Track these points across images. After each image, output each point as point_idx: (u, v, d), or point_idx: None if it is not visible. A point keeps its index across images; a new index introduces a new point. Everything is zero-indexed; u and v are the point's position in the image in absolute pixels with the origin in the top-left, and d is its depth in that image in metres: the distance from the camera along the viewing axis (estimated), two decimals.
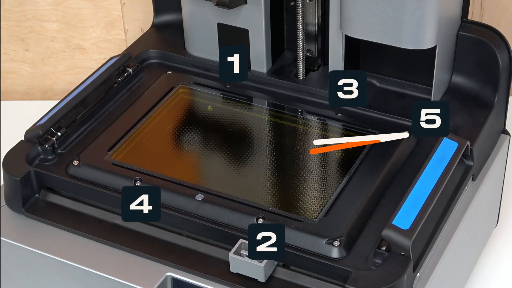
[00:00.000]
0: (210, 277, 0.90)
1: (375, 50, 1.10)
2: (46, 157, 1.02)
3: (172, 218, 0.94)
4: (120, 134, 1.05)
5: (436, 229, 0.94)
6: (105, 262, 0.93)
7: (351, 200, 0.94)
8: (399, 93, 1.12)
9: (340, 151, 1.03)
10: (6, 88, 1.52)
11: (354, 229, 0.91)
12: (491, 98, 1.07)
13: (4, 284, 1.01)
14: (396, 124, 1.06)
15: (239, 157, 1.02)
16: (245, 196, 0.95)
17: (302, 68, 1.13)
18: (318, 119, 1.08)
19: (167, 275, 0.91)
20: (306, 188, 0.97)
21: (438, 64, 1.03)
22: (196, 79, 1.15)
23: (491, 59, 1.05)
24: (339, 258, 0.89)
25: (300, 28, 1.11)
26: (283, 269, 0.90)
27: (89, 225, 0.97)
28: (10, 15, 1.44)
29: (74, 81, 1.50)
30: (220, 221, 0.93)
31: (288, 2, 1.15)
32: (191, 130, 1.08)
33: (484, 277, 1.16)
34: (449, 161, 0.96)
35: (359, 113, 1.08)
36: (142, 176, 0.98)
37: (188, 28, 1.18)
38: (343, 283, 0.87)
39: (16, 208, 1.00)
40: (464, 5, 1.06)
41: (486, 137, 1.05)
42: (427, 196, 0.91)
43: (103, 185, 0.98)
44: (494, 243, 1.20)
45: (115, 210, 0.97)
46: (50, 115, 1.05)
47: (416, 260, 0.90)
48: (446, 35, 1.03)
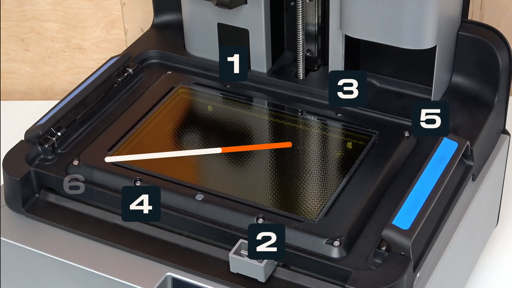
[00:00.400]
0: (210, 277, 0.90)
1: (375, 50, 1.10)
2: (46, 157, 1.02)
3: (172, 218, 0.94)
4: (120, 134, 1.05)
5: (436, 229, 0.94)
6: (105, 262, 0.93)
7: (351, 200, 0.94)
8: (399, 93, 1.12)
9: (340, 151, 1.03)
10: (6, 88, 1.52)
11: (354, 229, 0.91)
12: (491, 98, 1.07)
13: (4, 284, 1.01)
14: (396, 124, 1.06)
15: (239, 157, 1.02)
16: (245, 196, 0.95)
17: (302, 68, 1.13)
18: (318, 119, 1.08)
19: (167, 275, 0.91)
20: (306, 188, 0.97)
21: (438, 64, 1.03)
22: (196, 79, 1.15)
23: (491, 59, 1.05)
24: (339, 258, 0.89)
25: (300, 28, 1.11)
26: (283, 269, 0.90)
27: (89, 225, 0.97)
28: (10, 15, 1.44)
29: (74, 81, 1.50)
30: (220, 221, 0.93)
31: (288, 2, 1.15)
32: (191, 130, 1.08)
33: (484, 277, 1.16)
34: (449, 161, 0.96)
35: (359, 113, 1.08)
36: (142, 176, 0.98)
37: (188, 28, 1.18)
38: (343, 283, 0.87)
39: (16, 208, 1.00)
40: (464, 5, 1.06)
41: (486, 137, 1.05)
42: (427, 196, 0.91)
43: (103, 185, 0.98)
44: (494, 243, 1.20)
45: (115, 210, 0.97)
46: (50, 115, 1.05)
47: (416, 260, 0.90)
48: (446, 35, 1.03)
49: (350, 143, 1.04)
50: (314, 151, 1.03)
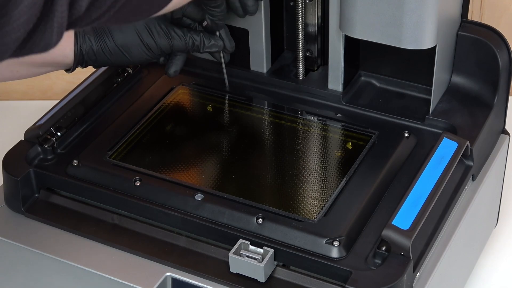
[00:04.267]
0: (210, 277, 0.90)
1: (375, 50, 1.10)
2: (45, 157, 1.02)
3: (172, 218, 0.94)
4: (120, 134, 1.05)
5: (436, 229, 0.94)
6: (105, 262, 0.93)
7: (351, 200, 0.94)
8: (399, 93, 1.12)
9: (340, 151, 1.03)
10: (6, 88, 1.51)
11: (354, 229, 0.91)
12: (491, 98, 1.06)
13: (4, 284, 1.01)
14: (395, 124, 1.06)
15: (239, 157, 1.02)
16: (245, 196, 0.95)
17: (302, 68, 1.13)
18: (318, 119, 1.08)
19: (167, 275, 0.91)
20: (306, 188, 0.97)
21: (438, 64, 1.03)
22: (196, 79, 1.15)
23: (491, 59, 1.05)
24: (339, 258, 0.89)
25: (300, 28, 1.11)
26: (283, 269, 0.90)
27: (89, 225, 0.97)
28: None
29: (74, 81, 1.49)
30: (220, 221, 0.93)
31: (288, 2, 1.15)
32: (191, 130, 1.08)
33: (484, 277, 1.16)
34: (449, 161, 0.96)
35: (359, 113, 1.08)
36: (141, 176, 0.98)
37: None
38: (343, 283, 0.87)
39: (15, 208, 1.00)
40: (464, 5, 1.06)
41: (486, 137, 1.05)
42: (427, 196, 0.91)
43: (103, 185, 0.98)
44: (494, 243, 1.20)
45: (115, 210, 0.97)
46: (49, 115, 1.05)
47: (416, 260, 0.90)
48: (446, 35, 1.03)
49: (350, 143, 1.04)
50: (314, 151, 1.03)
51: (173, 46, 1.04)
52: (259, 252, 0.89)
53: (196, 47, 1.05)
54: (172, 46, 1.04)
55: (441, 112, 1.06)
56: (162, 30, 1.02)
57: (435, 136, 1.03)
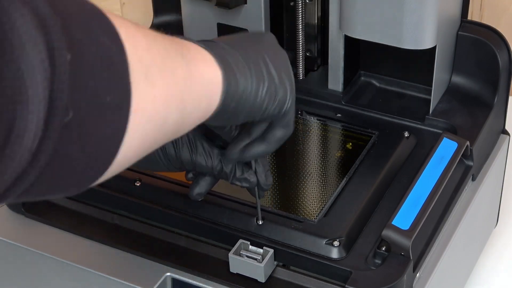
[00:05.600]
0: (210, 277, 0.90)
1: (375, 50, 1.10)
2: None
3: (172, 218, 0.94)
4: None
5: (436, 229, 0.94)
6: (105, 262, 0.93)
7: (351, 200, 0.94)
8: (399, 93, 1.12)
9: (340, 151, 1.03)
10: None
11: (354, 229, 0.91)
12: (490, 98, 1.06)
13: (4, 284, 1.01)
14: (395, 124, 1.06)
15: None
16: (245, 196, 0.95)
17: (301, 68, 1.13)
18: (318, 120, 1.08)
19: (167, 275, 0.91)
20: (306, 189, 0.97)
21: (438, 64, 1.03)
22: None
23: (491, 59, 1.05)
24: (339, 258, 0.88)
25: (300, 28, 1.11)
26: (283, 269, 0.90)
27: (89, 225, 0.97)
28: None
29: None
30: (220, 221, 0.93)
31: (287, 2, 1.15)
32: None
33: (484, 277, 1.16)
34: (448, 161, 0.96)
35: (359, 113, 1.08)
36: (142, 176, 0.98)
37: (188, 28, 1.18)
38: (343, 283, 0.87)
39: (15, 208, 1.00)
40: (463, 5, 1.06)
41: (486, 137, 1.05)
42: (427, 196, 0.91)
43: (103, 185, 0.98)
44: (494, 243, 1.20)
45: (115, 211, 0.97)
46: None
47: (416, 260, 0.90)
48: (446, 35, 1.03)
49: (350, 143, 1.04)
50: (314, 151, 1.03)
51: (196, 163, 0.85)
52: (259, 252, 0.89)
53: (224, 174, 0.85)
54: (194, 163, 0.85)
55: (441, 112, 1.06)
56: (188, 140, 0.85)
57: (435, 136, 1.03)
